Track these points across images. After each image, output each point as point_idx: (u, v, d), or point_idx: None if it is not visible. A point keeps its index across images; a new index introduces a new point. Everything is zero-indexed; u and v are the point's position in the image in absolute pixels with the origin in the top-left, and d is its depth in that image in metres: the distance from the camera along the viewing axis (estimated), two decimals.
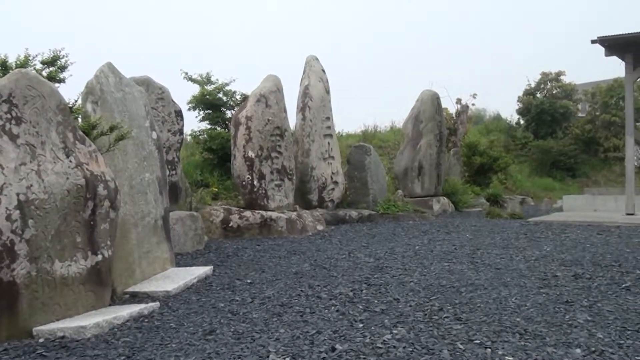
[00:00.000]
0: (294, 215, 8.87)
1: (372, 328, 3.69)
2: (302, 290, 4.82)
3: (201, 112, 11.78)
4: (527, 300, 4.36)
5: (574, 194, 17.26)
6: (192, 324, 3.99)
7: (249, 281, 5.30)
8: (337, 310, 4.16)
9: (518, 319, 3.85)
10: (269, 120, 8.88)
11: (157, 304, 4.52)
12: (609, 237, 7.85)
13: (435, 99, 13.75)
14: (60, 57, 6.00)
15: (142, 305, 4.41)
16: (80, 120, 5.26)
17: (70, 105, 5.03)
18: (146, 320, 4.14)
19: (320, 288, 4.90)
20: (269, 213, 8.58)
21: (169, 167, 7.55)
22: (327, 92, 10.91)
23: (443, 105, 15.11)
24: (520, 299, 4.40)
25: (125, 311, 4.21)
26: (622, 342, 3.40)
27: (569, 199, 14.79)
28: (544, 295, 4.55)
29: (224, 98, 11.72)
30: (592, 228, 9.10)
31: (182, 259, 6.44)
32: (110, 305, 4.54)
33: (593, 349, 3.27)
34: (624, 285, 4.88)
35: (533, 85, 26.15)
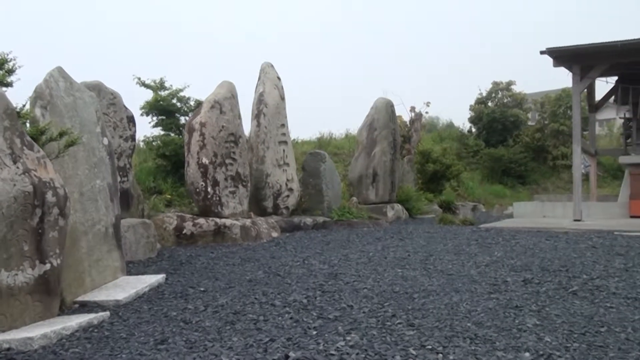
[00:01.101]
0: (248, 222, 8.82)
1: (326, 335, 3.70)
2: (255, 298, 4.80)
3: (154, 118, 11.62)
4: (478, 306, 4.44)
5: (524, 200, 17.66)
6: (143, 334, 3.92)
7: (202, 289, 5.25)
8: (290, 318, 4.16)
9: (469, 324, 3.92)
10: (223, 126, 8.83)
11: (107, 313, 4.43)
12: (557, 243, 8.05)
13: (389, 107, 13.91)
14: (8, 60, 5.83)
15: (92, 315, 4.32)
16: (28, 125, 5.13)
17: (17, 110, 4.89)
18: (96, 330, 4.06)
19: (274, 295, 4.88)
20: (223, 220, 8.52)
21: (121, 173, 7.43)
22: (283, 99, 10.92)
23: (397, 113, 15.29)
24: (471, 304, 4.47)
25: (74, 321, 4.11)
26: (569, 345, 3.49)
27: (519, 205, 15.12)
28: (494, 300, 4.64)
29: (178, 104, 11.60)
30: (541, 234, 9.32)
31: (133, 267, 6.34)
32: (59, 315, 4.43)
33: (541, 352, 3.34)
34: (571, 290, 5.01)
35: (484, 94, 26.71)
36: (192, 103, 11.62)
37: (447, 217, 12.87)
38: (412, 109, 21.63)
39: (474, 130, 26.67)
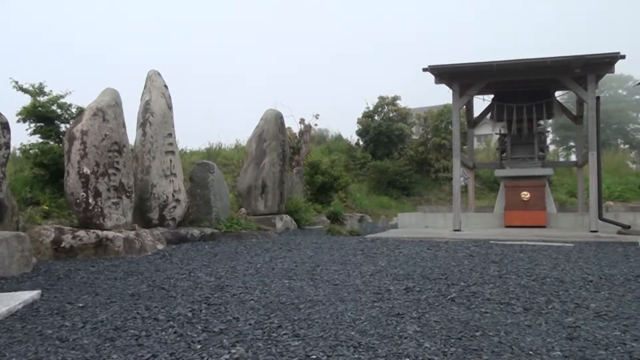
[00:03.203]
0: (132, 234, 8.54)
1: (210, 349, 3.64)
2: (138, 313, 4.64)
3: (32, 125, 11.05)
4: (362, 314, 4.53)
5: (408, 211, 18.30)
6: (14, 354, 3.68)
7: (80, 305, 5.01)
8: (174, 332, 4.05)
9: (353, 333, 3.98)
10: (106, 135, 8.51)
11: None
12: (437, 252, 8.39)
13: (278, 119, 14.00)
14: None
15: None
16: None
17: None
18: None
19: (157, 309, 4.75)
20: (105, 232, 8.19)
21: None
22: (170, 107, 10.70)
23: (287, 125, 15.46)
24: (356, 313, 4.56)
25: None
26: (446, 349, 3.62)
27: (403, 216, 15.65)
28: (377, 308, 4.75)
29: (58, 111, 11.10)
30: (423, 244, 9.67)
31: (6, 284, 5.95)
32: None
33: (421, 357, 3.45)
34: (449, 297, 5.23)
35: (371, 108, 27.49)
36: (73, 110, 11.17)
37: (335, 228, 13.09)
38: (302, 120, 21.95)
39: (361, 142, 27.38)
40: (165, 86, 10.70)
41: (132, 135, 9.98)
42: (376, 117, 27.16)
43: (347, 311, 4.64)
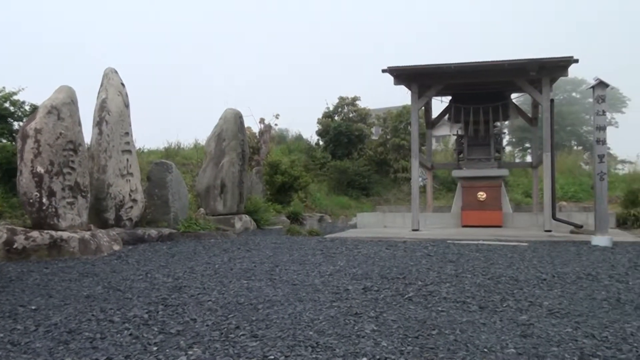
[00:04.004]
0: (87, 235, 8.37)
1: (167, 350, 3.60)
2: (93, 315, 4.56)
3: None
4: (320, 314, 4.54)
5: (368, 211, 18.40)
6: None
7: (33, 307, 4.90)
8: (130, 334, 3.99)
9: (311, 333, 3.99)
10: (61, 133, 8.33)
11: None
12: (396, 252, 8.46)
13: (238, 118, 13.93)
14: None
15: None
16: None
17: None
18: None
19: (113, 311, 4.67)
20: (60, 233, 8.01)
21: None
22: (127, 106, 10.53)
23: (246, 125, 15.39)
24: (314, 313, 4.56)
25: None
26: (403, 348, 3.66)
27: (362, 216, 15.73)
28: (335, 308, 4.77)
29: (11, 108, 10.89)
30: (382, 243, 9.74)
31: None
32: None
33: (378, 357, 3.47)
34: (407, 296, 5.27)
35: (331, 108, 27.56)
36: (27, 108, 10.97)
37: (295, 228, 13.08)
38: (262, 120, 21.88)
39: (321, 142, 27.43)
40: (123, 84, 10.52)
41: (88, 134, 9.81)
42: (336, 118, 27.26)
43: (306, 311, 4.64)
